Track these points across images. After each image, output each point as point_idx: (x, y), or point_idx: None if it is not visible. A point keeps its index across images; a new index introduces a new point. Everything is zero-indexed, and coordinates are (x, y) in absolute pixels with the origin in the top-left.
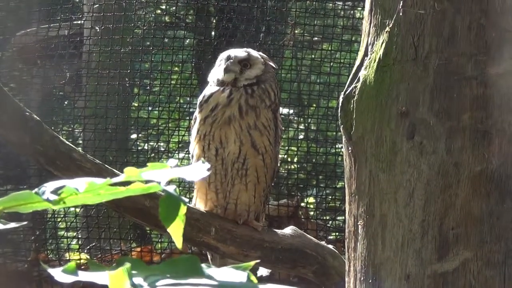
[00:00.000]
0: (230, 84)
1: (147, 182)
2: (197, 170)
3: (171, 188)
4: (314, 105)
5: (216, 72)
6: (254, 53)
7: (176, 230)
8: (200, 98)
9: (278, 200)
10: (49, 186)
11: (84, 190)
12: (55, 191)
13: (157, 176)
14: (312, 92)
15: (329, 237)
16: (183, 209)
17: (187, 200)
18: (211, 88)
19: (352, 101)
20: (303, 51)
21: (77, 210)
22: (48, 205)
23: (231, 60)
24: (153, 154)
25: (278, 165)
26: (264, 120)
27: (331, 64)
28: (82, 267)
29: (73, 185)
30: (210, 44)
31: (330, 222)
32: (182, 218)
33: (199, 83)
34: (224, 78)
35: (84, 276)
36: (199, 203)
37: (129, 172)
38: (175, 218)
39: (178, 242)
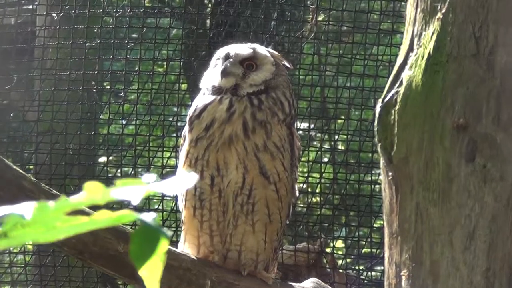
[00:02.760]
0: (230, 91)
1: (117, 209)
2: (179, 183)
3: (150, 217)
4: (343, 117)
5: (211, 76)
6: (262, 49)
7: (151, 274)
8: (191, 111)
9: (295, 244)
10: None
11: (33, 217)
12: None
13: (128, 194)
14: (340, 100)
15: None
16: (163, 245)
17: (170, 233)
18: (204, 97)
19: (393, 111)
20: (327, 45)
21: (27, 257)
22: None
23: (231, 60)
24: None
25: (297, 196)
26: (277, 139)
27: (365, 62)
28: None
29: (18, 211)
30: (204, 36)
31: (365, 273)
32: (162, 258)
33: (189, 88)
34: (222, 84)
35: None
36: (189, 249)
37: (91, 189)
38: (151, 257)
39: None
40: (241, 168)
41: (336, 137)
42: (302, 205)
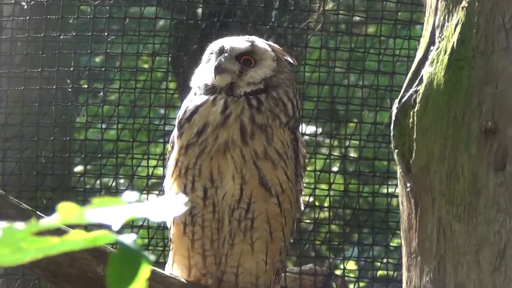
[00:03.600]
0: (225, 91)
1: (92, 229)
2: (168, 206)
3: (129, 238)
4: (355, 120)
5: (204, 73)
6: (261, 43)
7: None
8: (180, 113)
9: (301, 266)
10: None
11: None
12: None
13: (107, 217)
14: (352, 100)
15: None
16: (144, 271)
17: (153, 258)
18: (196, 98)
19: (411, 113)
20: (337, 37)
21: None
22: None
23: (226, 54)
24: (108, 195)
25: (301, 210)
26: (279, 146)
27: (380, 57)
28: None
29: None
30: (195, 27)
31: None
32: (143, 285)
33: (178, 87)
34: (216, 82)
35: None
36: (178, 271)
37: (65, 210)
38: (131, 284)
39: None
40: (238, 179)
41: (347, 143)
42: (308, 221)
